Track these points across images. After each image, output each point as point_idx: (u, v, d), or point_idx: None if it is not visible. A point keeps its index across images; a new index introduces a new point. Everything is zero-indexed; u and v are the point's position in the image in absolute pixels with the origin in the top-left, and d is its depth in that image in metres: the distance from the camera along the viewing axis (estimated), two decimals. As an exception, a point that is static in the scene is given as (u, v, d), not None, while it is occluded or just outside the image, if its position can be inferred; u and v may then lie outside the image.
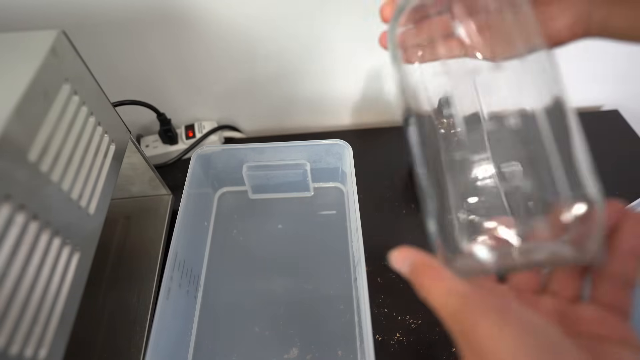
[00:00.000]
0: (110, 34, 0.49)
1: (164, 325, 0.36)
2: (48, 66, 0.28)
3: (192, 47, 0.52)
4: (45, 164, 0.26)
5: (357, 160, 0.47)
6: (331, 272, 0.48)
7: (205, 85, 0.58)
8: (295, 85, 0.59)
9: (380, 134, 0.64)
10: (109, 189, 0.34)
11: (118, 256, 0.49)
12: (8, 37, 0.29)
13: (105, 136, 0.35)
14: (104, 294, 0.46)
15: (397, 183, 0.57)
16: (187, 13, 0.47)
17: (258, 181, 0.53)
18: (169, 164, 0.59)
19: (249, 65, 0.55)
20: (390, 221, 0.53)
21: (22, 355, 0.23)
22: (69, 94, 0.30)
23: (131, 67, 0.53)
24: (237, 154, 0.50)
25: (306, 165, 0.51)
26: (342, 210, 0.54)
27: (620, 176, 0.56)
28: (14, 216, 0.23)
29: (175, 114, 0.58)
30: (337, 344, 0.43)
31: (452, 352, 0.42)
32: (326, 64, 0.56)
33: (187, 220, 0.43)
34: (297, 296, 0.47)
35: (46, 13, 0.45)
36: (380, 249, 0.49)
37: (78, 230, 0.29)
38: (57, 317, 0.26)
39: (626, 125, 0.63)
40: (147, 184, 0.51)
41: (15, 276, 0.23)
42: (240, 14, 0.48)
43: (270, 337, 0.44)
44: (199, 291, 0.47)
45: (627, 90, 0.65)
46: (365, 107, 0.64)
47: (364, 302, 0.36)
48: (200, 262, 0.49)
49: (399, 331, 0.44)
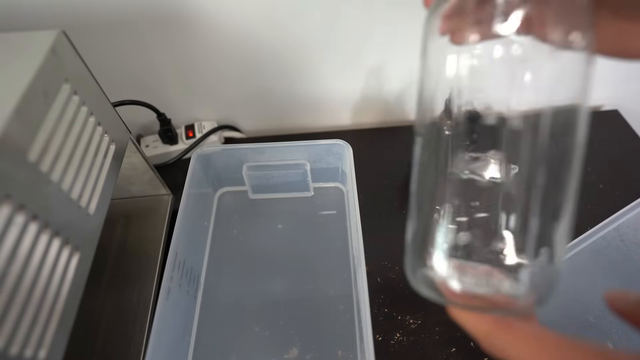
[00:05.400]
0: (110, 34, 0.49)
1: (164, 325, 0.36)
2: (48, 66, 0.28)
3: (192, 47, 0.52)
4: (45, 164, 0.26)
5: (357, 160, 0.47)
6: (331, 272, 0.48)
7: (205, 85, 0.58)
8: (295, 85, 0.59)
9: (380, 134, 0.64)
10: (109, 189, 0.34)
11: (118, 256, 0.49)
12: (8, 37, 0.29)
13: (105, 136, 0.35)
14: (104, 294, 0.46)
15: (397, 183, 0.57)
16: (187, 13, 0.47)
17: (258, 181, 0.53)
18: (169, 164, 0.59)
19: (249, 65, 0.55)
20: (390, 221, 0.53)
21: (22, 356, 0.23)
22: (69, 94, 0.30)
23: (131, 67, 0.53)
24: (237, 154, 0.50)
25: (306, 165, 0.51)
26: (342, 210, 0.54)
27: (620, 176, 0.56)
28: (14, 216, 0.23)
29: (175, 114, 0.58)
30: (337, 344, 0.43)
31: (452, 352, 0.42)
32: (326, 64, 0.56)
33: (187, 220, 0.43)
34: (297, 296, 0.47)
35: (46, 13, 0.45)
36: (380, 249, 0.49)
37: (78, 230, 0.29)
38: (57, 318, 0.26)
39: (626, 125, 0.63)
40: (147, 184, 0.51)
41: (15, 276, 0.23)
42: (241, 13, 0.48)
43: (270, 337, 0.44)
44: (199, 291, 0.47)
45: (627, 90, 0.65)
46: (365, 107, 0.64)
47: (364, 302, 0.36)
48: (200, 262, 0.49)
49: (399, 331, 0.44)
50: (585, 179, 0.56)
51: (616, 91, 0.65)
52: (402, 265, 0.49)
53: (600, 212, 0.42)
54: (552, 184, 0.18)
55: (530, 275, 0.18)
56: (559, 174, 0.18)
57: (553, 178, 0.18)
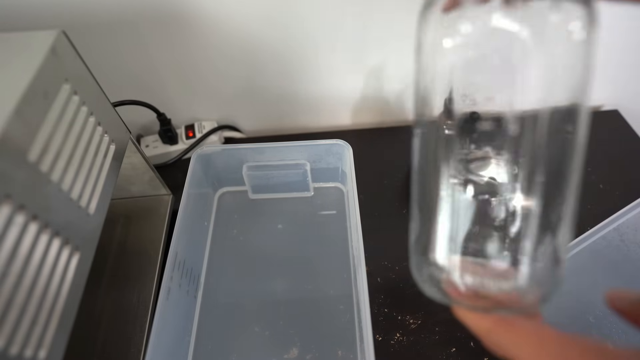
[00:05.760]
0: (110, 34, 0.49)
1: (164, 325, 0.36)
2: (48, 66, 0.28)
3: (192, 47, 0.52)
4: (45, 164, 0.26)
5: (357, 160, 0.47)
6: (331, 272, 0.48)
7: (205, 85, 0.58)
8: (295, 85, 0.59)
9: (380, 134, 0.64)
10: (109, 189, 0.34)
11: (118, 256, 0.49)
12: (8, 37, 0.29)
13: (105, 136, 0.35)
14: (104, 294, 0.46)
15: (397, 183, 0.57)
16: (187, 13, 0.47)
17: (258, 181, 0.53)
18: (169, 164, 0.59)
19: (249, 65, 0.55)
20: (390, 221, 0.53)
21: (22, 356, 0.23)
22: (69, 94, 0.30)
23: (131, 67, 0.53)
24: (237, 154, 0.50)
25: (306, 165, 0.51)
26: (342, 210, 0.54)
27: (620, 176, 0.56)
28: (14, 216, 0.23)
29: (175, 114, 0.58)
30: (337, 344, 0.43)
31: (452, 352, 0.42)
32: (326, 64, 0.56)
33: (187, 220, 0.43)
34: (297, 296, 0.47)
35: (46, 13, 0.45)
36: (380, 249, 0.49)
37: (78, 230, 0.29)
38: (57, 318, 0.26)
39: (626, 125, 0.63)
40: (147, 184, 0.51)
41: (15, 276, 0.23)
42: (241, 13, 0.48)
43: (270, 337, 0.44)
44: (199, 291, 0.47)
45: (627, 90, 0.65)
46: (365, 107, 0.64)
47: (364, 302, 0.36)
48: (200, 262, 0.49)
49: (399, 331, 0.44)
50: (585, 179, 0.56)
51: (616, 91, 0.65)
52: (402, 265, 0.50)
53: (600, 212, 0.42)
54: (553, 183, 0.18)
55: (534, 274, 0.18)
56: (559, 171, 0.18)
57: (554, 176, 0.18)
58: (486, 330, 0.18)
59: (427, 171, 0.20)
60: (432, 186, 0.20)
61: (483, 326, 0.18)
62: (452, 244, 0.19)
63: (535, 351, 0.16)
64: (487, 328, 0.18)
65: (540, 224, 0.18)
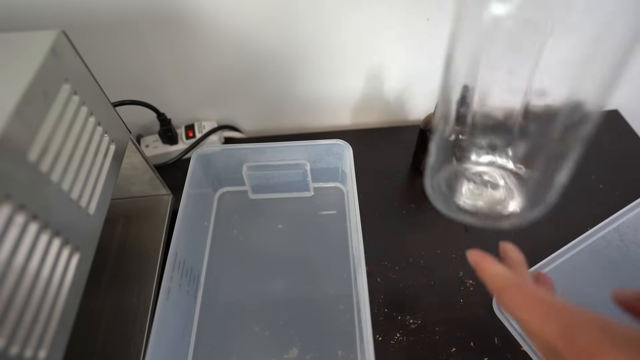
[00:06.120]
0: (110, 34, 0.49)
1: (164, 325, 0.36)
2: (48, 66, 0.28)
3: (192, 47, 0.52)
4: (45, 164, 0.26)
5: (357, 160, 0.47)
6: (331, 272, 0.48)
7: (205, 85, 0.58)
8: (296, 85, 0.59)
9: (380, 134, 0.64)
10: (109, 189, 0.34)
11: (118, 256, 0.49)
12: (8, 37, 0.29)
13: (105, 136, 0.35)
14: (104, 294, 0.46)
15: (397, 183, 0.57)
16: (187, 13, 0.47)
17: (258, 181, 0.53)
18: (169, 164, 0.59)
19: (249, 65, 0.55)
20: (390, 221, 0.53)
21: (22, 356, 0.23)
22: (69, 94, 0.30)
23: (131, 67, 0.53)
24: (237, 154, 0.50)
25: (306, 165, 0.51)
26: (342, 210, 0.54)
27: (620, 176, 0.56)
28: (14, 216, 0.23)
29: (175, 114, 0.58)
30: (337, 344, 0.43)
31: (452, 352, 0.42)
32: (326, 64, 0.56)
33: (187, 220, 0.43)
34: (297, 296, 0.47)
35: (46, 13, 0.45)
36: (380, 249, 0.49)
37: (78, 231, 0.29)
38: (57, 318, 0.26)
39: (626, 125, 0.63)
40: (147, 184, 0.51)
41: (15, 276, 0.23)
42: (241, 13, 0.48)
43: (270, 337, 0.44)
44: (199, 291, 0.47)
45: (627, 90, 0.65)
46: (365, 107, 0.64)
47: (364, 302, 0.36)
48: (200, 262, 0.49)
49: (399, 331, 0.44)
50: (585, 179, 0.56)
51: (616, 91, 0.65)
52: (402, 265, 0.50)
53: (600, 212, 0.43)
54: (559, 138, 0.21)
55: (524, 191, 0.22)
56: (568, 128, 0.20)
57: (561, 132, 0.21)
58: (498, 288, 0.19)
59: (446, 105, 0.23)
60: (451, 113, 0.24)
61: (497, 283, 0.20)
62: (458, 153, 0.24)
63: (542, 316, 0.17)
64: (500, 286, 0.19)
65: (544, 166, 0.22)
